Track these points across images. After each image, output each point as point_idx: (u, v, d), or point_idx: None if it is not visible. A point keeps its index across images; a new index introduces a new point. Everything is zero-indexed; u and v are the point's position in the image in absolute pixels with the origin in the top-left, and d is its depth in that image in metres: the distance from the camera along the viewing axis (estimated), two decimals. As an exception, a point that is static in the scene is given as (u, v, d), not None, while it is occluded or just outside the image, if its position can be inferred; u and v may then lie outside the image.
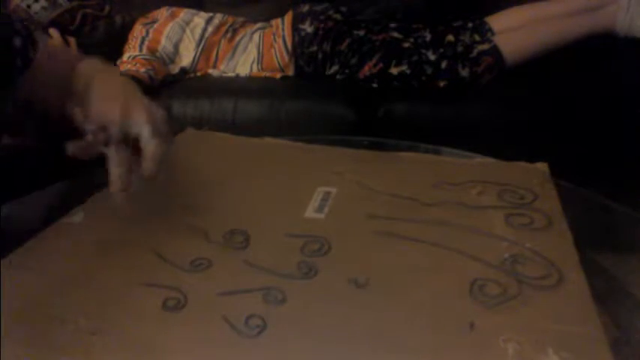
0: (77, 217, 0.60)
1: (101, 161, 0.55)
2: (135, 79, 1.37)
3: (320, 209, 0.61)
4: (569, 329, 0.43)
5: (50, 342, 0.43)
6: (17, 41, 0.61)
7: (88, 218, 0.60)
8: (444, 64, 1.38)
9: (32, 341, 0.43)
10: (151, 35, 1.51)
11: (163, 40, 1.50)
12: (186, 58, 1.51)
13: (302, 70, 1.48)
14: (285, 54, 1.48)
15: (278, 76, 1.48)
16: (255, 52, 1.50)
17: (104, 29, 1.55)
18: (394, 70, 1.39)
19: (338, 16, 1.50)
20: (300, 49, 1.46)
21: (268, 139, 0.80)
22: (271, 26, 1.54)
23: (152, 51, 1.49)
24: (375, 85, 1.42)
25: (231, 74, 1.51)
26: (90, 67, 0.62)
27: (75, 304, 0.47)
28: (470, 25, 1.51)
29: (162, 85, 1.45)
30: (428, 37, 1.45)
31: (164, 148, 0.55)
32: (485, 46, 1.39)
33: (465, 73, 1.37)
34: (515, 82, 1.37)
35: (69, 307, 0.46)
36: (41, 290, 0.49)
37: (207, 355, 0.42)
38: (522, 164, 0.70)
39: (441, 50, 1.40)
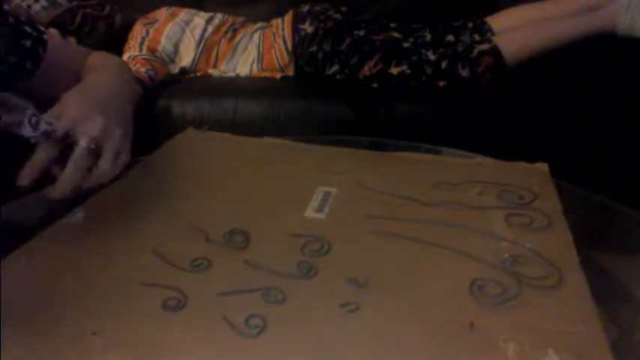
0: (77, 217, 0.60)
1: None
2: (135, 79, 1.37)
3: (320, 209, 0.61)
4: (569, 329, 0.43)
5: (50, 342, 0.43)
6: (27, 43, 0.61)
7: (88, 218, 0.60)
8: (444, 64, 1.38)
9: (32, 341, 0.43)
10: (151, 35, 1.51)
11: (163, 40, 1.50)
12: (186, 58, 1.52)
13: (302, 70, 1.48)
14: (285, 54, 1.48)
15: (278, 76, 1.49)
16: (255, 52, 1.50)
17: (104, 29, 1.55)
18: (394, 70, 1.39)
19: (338, 16, 1.50)
20: (300, 49, 1.46)
21: (268, 139, 0.80)
22: (271, 26, 1.55)
23: (152, 51, 1.49)
24: (375, 85, 1.42)
25: (231, 74, 1.51)
26: (96, 60, 0.61)
27: (75, 303, 0.47)
28: (470, 25, 1.51)
29: (163, 85, 1.45)
30: (428, 37, 1.45)
31: (86, 176, 0.54)
32: (485, 46, 1.39)
33: (465, 73, 1.37)
34: (515, 82, 1.37)
35: (69, 307, 0.46)
36: (41, 290, 0.49)
37: (207, 355, 0.42)
38: (522, 164, 0.70)
39: (441, 50, 1.40)
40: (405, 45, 1.42)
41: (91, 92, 0.59)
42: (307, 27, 1.47)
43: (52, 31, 1.43)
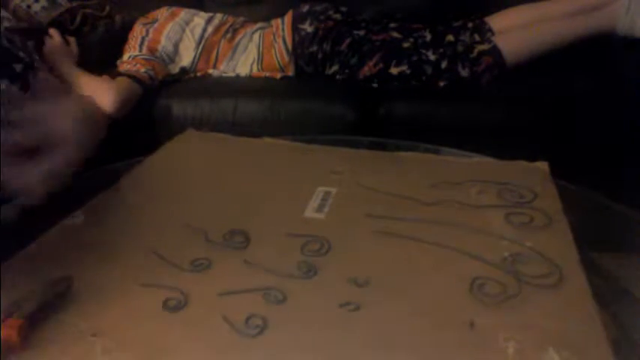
0: (78, 218, 0.60)
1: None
2: (135, 79, 1.37)
3: (320, 209, 0.61)
4: (569, 328, 0.43)
5: (50, 342, 0.43)
6: (18, 67, 0.63)
7: (89, 219, 0.60)
8: (444, 64, 1.38)
9: (32, 341, 0.43)
10: (151, 35, 1.51)
11: (163, 40, 1.50)
12: (186, 58, 1.51)
13: (302, 70, 1.48)
14: (285, 54, 1.48)
15: (278, 76, 1.48)
16: (255, 52, 1.50)
17: (104, 29, 1.55)
18: (394, 70, 1.39)
19: (338, 16, 1.50)
20: (300, 49, 1.46)
21: (268, 139, 0.80)
22: (271, 26, 1.54)
23: (152, 51, 1.49)
24: (375, 85, 1.42)
25: (231, 74, 1.51)
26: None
27: (75, 305, 0.47)
28: (470, 25, 1.51)
29: (163, 85, 1.45)
30: (428, 37, 1.45)
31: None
32: (485, 46, 1.39)
33: (465, 73, 1.37)
34: (515, 82, 1.37)
35: (69, 308, 0.46)
36: (41, 290, 0.49)
37: (207, 355, 0.42)
38: (522, 163, 0.70)
39: (441, 50, 1.40)
40: (405, 45, 1.42)
41: None
42: (307, 27, 1.47)
43: (52, 31, 1.44)
